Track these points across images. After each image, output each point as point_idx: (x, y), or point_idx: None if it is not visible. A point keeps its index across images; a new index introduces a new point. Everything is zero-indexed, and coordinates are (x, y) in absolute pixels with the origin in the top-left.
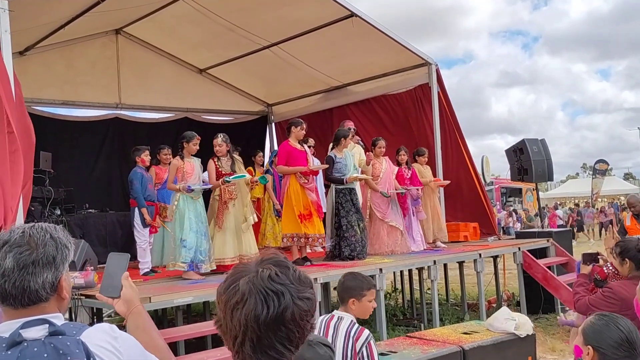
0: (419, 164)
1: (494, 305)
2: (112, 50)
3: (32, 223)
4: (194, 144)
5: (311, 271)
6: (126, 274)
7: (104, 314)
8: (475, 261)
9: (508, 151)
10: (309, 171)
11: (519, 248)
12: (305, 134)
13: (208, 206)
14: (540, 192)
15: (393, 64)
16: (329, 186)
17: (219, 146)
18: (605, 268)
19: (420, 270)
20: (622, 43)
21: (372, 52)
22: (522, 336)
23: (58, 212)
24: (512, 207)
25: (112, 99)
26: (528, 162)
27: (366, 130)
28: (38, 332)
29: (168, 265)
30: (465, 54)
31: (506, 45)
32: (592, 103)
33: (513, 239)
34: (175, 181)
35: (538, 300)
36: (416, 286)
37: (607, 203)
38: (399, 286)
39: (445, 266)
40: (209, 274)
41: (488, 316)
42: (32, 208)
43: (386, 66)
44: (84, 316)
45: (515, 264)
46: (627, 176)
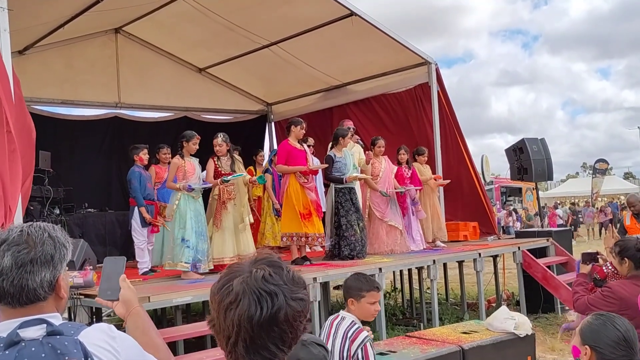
0: (419, 163)
1: (494, 304)
2: (112, 49)
3: (31, 222)
4: (194, 143)
5: (310, 270)
6: (123, 276)
7: (103, 314)
8: (474, 260)
9: (508, 150)
10: (309, 171)
11: (519, 247)
12: (304, 134)
13: (207, 206)
14: (540, 192)
15: (393, 63)
16: (329, 185)
17: (219, 146)
18: (604, 267)
19: (419, 269)
20: (622, 42)
21: (372, 51)
22: (522, 336)
23: (57, 212)
24: (512, 207)
25: (112, 98)
26: (528, 162)
27: (366, 129)
28: (36, 332)
29: (165, 264)
30: (465, 53)
31: (506, 44)
32: (592, 102)
33: (513, 239)
34: (175, 180)
35: (538, 299)
36: (416, 286)
37: (607, 202)
38: (399, 286)
39: (444, 266)
40: (208, 274)
41: (488, 316)
42: (32, 207)
43: (386, 65)
44: (83, 315)
45: (514, 264)
46: (627, 175)
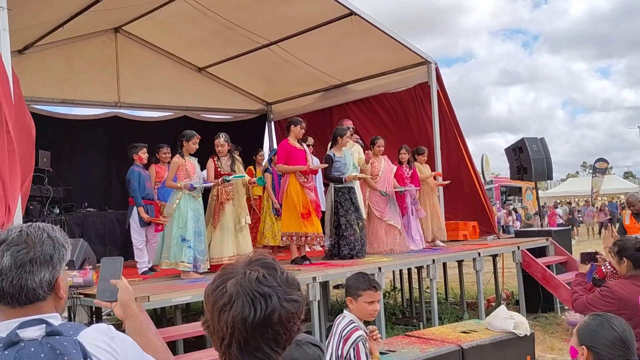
0: (419, 163)
1: (493, 304)
2: (111, 48)
3: (30, 222)
4: (194, 143)
5: (310, 270)
6: (122, 279)
7: (103, 313)
8: (474, 260)
9: (507, 150)
10: (309, 170)
11: (518, 247)
12: (304, 133)
13: (206, 206)
14: (540, 191)
15: (392, 63)
16: (328, 185)
17: (221, 146)
18: (603, 267)
19: (419, 269)
20: (622, 41)
21: (372, 51)
22: (521, 335)
23: (57, 211)
24: (512, 206)
25: (111, 98)
26: (527, 161)
27: (366, 128)
28: (35, 332)
29: (162, 263)
30: (465, 53)
31: (506, 43)
32: (592, 101)
33: (512, 238)
34: (175, 179)
35: (537, 299)
36: (415, 285)
37: (607, 202)
38: (398, 285)
39: (444, 265)
40: (207, 273)
41: (487, 315)
42: (31, 207)
43: (385, 65)
44: (83, 315)
45: (514, 263)
46: (627, 175)
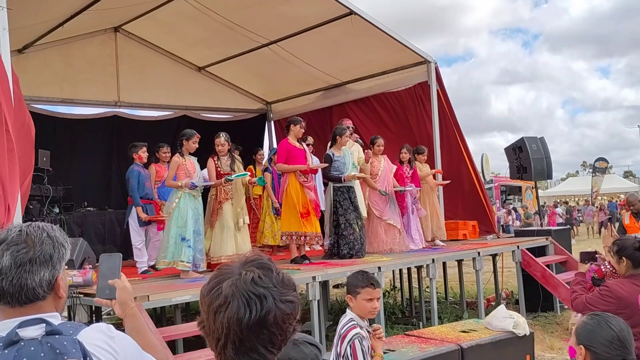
0: (419, 162)
1: (493, 303)
2: (111, 48)
3: (29, 222)
4: (194, 142)
5: (310, 269)
6: (122, 276)
7: (103, 313)
8: (474, 259)
9: (507, 149)
10: (309, 170)
11: (518, 246)
12: (304, 132)
13: (206, 205)
14: (540, 190)
15: (392, 62)
16: (328, 184)
17: (221, 145)
18: (602, 267)
19: (419, 268)
20: (622, 41)
21: (371, 50)
22: (520, 335)
23: (57, 211)
24: (512, 205)
25: (111, 97)
26: (527, 161)
27: (366, 127)
28: (35, 332)
29: (160, 262)
30: (465, 52)
31: (506, 42)
32: (592, 101)
33: (512, 238)
34: (174, 178)
35: (537, 298)
36: (415, 284)
37: (607, 202)
38: (398, 284)
39: (444, 264)
40: (207, 272)
41: (487, 314)
42: (31, 206)
43: (385, 64)
44: (83, 314)
45: (514, 262)
46: (627, 174)
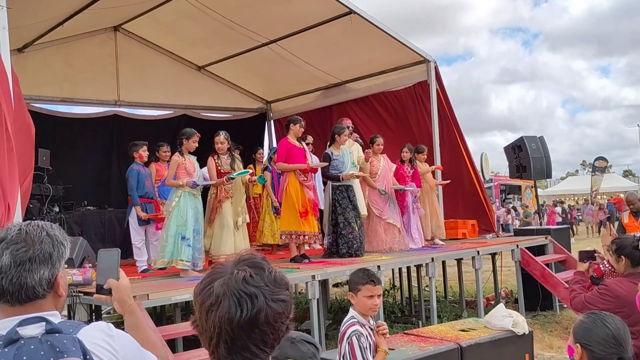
0: (418, 161)
1: (492, 302)
2: (111, 47)
3: (29, 221)
4: (194, 141)
5: (309, 268)
6: (121, 273)
7: (103, 311)
8: (473, 258)
9: (507, 148)
10: (309, 169)
11: (517, 245)
12: (304, 131)
13: (205, 204)
14: (539, 190)
15: (392, 61)
16: (327, 183)
17: (221, 143)
18: (601, 265)
19: (418, 267)
20: (622, 40)
21: (371, 50)
22: (520, 334)
23: (57, 210)
24: (511, 204)
25: (111, 96)
26: (526, 160)
27: (366, 126)
28: (35, 330)
29: (157, 262)
30: (465, 51)
31: (506, 42)
32: (592, 100)
33: (511, 236)
34: (174, 177)
35: (536, 297)
36: (414, 283)
37: (607, 201)
38: (398, 283)
39: (443, 263)
40: (205, 271)
41: (486, 313)
42: (31, 205)
43: (385, 63)
44: (82, 313)
45: (513, 261)
46: (627, 173)
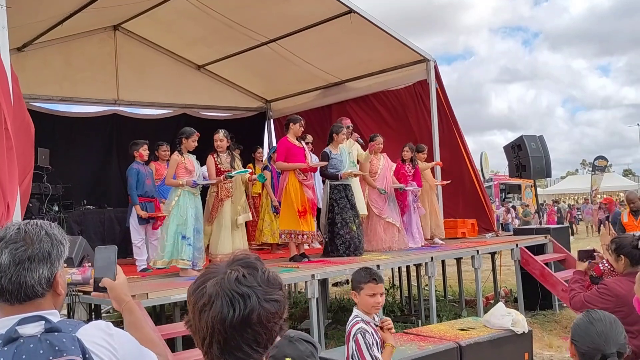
0: (419, 160)
1: (492, 301)
2: (111, 46)
3: (28, 220)
4: (193, 140)
5: (309, 267)
6: (119, 268)
7: (102, 310)
8: (472, 257)
9: (506, 148)
10: (309, 168)
11: (517, 244)
12: (303, 131)
13: (204, 203)
14: (539, 189)
15: (391, 61)
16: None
17: (220, 141)
18: (600, 265)
19: (417, 266)
20: (623, 39)
21: (371, 49)
22: (519, 333)
23: (56, 209)
24: (511, 204)
25: (111, 95)
26: (526, 159)
27: (366, 125)
28: (34, 329)
29: (157, 262)
30: (465, 50)
31: (506, 41)
32: (592, 99)
33: (511, 236)
34: (174, 177)
35: (536, 296)
36: (414, 282)
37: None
38: (397, 282)
39: (443, 262)
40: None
41: (486, 312)
42: (30, 204)
43: (384, 62)
44: (82, 312)
45: (513, 261)
46: (627, 172)
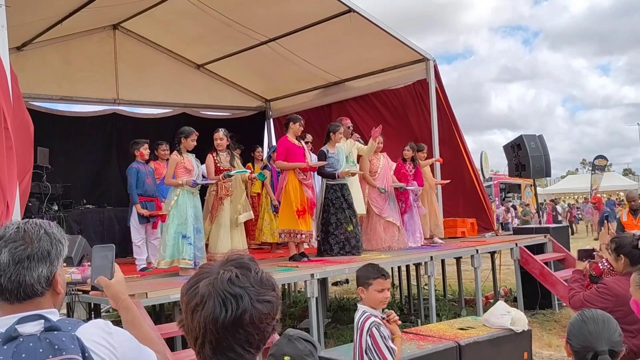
0: (419, 160)
1: (491, 300)
2: (110, 45)
3: (27, 219)
4: (192, 140)
5: (308, 267)
6: (116, 267)
7: (102, 310)
8: (472, 257)
9: (506, 147)
10: (309, 167)
11: (516, 244)
12: (303, 130)
13: (204, 202)
14: (539, 188)
15: (391, 60)
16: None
17: (220, 139)
18: (600, 264)
19: (417, 266)
20: (623, 38)
21: (370, 48)
22: (518, 331)
23: (55, 208)
24: (511, 203)
25: (110, 95)
26: (526, 158)
27: (367, 124)
28: (34, 328)
29: (160, 262)
30: (465, 49)
31: (506, 40)
32: (592, 98)
33: (510, 235)
34: (173, 176)
35: (535, 296)
36: (413, 282)
37: (606, 199)
38: (397, 282)
39: (442, 262)
40: None
41: (485, 312)
42: (30, 204)
43: (384, 62)
44: (81, 311)
45: (512, 260)
46: (627, 172)
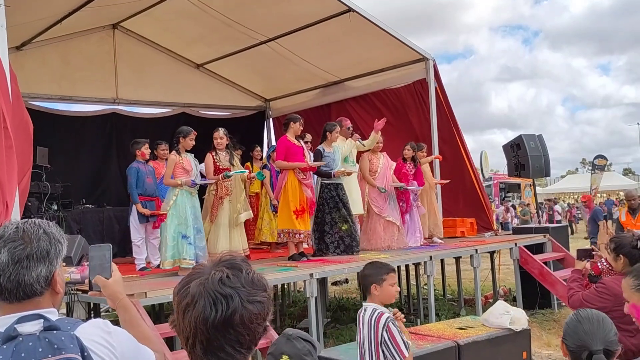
0: (419, 159)
1: (491, 300)
2: (109, 45)
3: (26, 219)
4: (190, 139)
5: (308, 266)
6: (115, 266)
7: (102, 309)
8: (471, 256)
9: (505, 147)
10: (308, 167)
11: (516, 244)
12: (302, 130)
13: (202, 202)
14: (539, 188)
15: (391, 59)
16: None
17: (220, 138)
18: (599, 264)
19: (416, 265)
20: (623, 38)
21: (370, 48)
22: (517, 331)
23: (55, 208)
24: (511, 203)
25: (110, 94)
26: (525, 158)
27: (367, 124)
28: (33, 327)
29: (164, 263)
30: (465, 49)
31: (506, 39)
32: (592, 98)
33: (510, 235)
34: (172, 177)
35: (534, 295)
36: (413, 281)
37: (605, 199)
38: (396, 281)
39: (442, 262)
40: None
41: (485, 311)
42: (29, 203)
43: (384, 61)
44: (81, 311)
45: (511, 260)
46: (627, 172)
